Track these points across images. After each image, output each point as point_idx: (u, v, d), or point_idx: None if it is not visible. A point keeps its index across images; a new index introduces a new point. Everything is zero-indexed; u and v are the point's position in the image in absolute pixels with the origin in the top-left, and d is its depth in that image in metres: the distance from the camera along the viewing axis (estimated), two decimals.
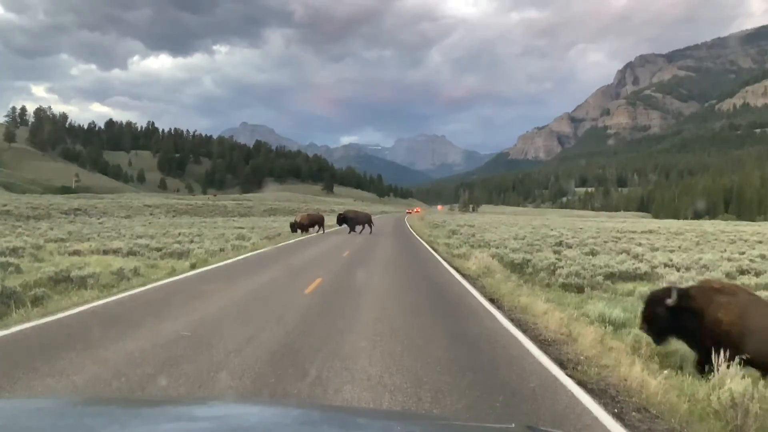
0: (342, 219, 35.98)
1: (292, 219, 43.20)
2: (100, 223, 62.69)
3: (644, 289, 15.45)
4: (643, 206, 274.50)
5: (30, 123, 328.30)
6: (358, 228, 44.27)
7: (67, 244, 30.01)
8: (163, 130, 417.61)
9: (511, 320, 11.77)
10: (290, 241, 38.02)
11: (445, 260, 25.24)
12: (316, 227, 41.99)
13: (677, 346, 9.36)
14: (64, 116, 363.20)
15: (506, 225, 71.33)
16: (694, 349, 11.40)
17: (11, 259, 19.19)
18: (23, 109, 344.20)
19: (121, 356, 8.21)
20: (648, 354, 8.94)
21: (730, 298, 11.07)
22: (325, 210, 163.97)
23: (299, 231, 42.36)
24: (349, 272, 19.55)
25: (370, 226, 39.51)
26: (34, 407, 2.18)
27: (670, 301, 10.98)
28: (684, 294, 11.34)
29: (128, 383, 7.03)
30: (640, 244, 36.38)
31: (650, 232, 58.96)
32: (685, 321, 11.12)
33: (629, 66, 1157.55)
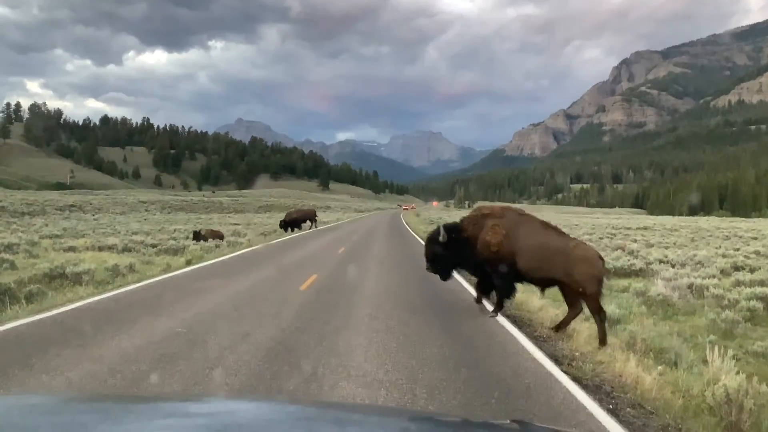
0: (288, 223, 35.85)
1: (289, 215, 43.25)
2: (95, 220, 62.61)
3: (639, 285, 15.49)
4: (638, 203, 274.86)
5: (24, 119, 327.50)
6: (305, 226, 44.88)
7: (62, 241, 29.97)
8: (158, 127, 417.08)
9: (507, 316, 11.78)
10: (285, 238, 38.01)
11: None
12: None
13: (672, 342, 9.37)
14: (59, 112, 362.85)
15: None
16: (476, 275, 12.05)
17: (6, 256, 19.14)
18: (18, 105, 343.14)
19: (115, 353, 8.20)
20: (643, 350, 8.95)
21: (498, 220, 11.67)
22: (321, 206, 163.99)
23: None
24: (344, 269, 19.55)
25: (314, 222, 39.60)
26: (29, 404, 2.17)
27: (440, 238, 11.61)
28: (455, 227, 11.89)
29: (123, 380, 7.02)
30: (635, 241, 36.45)
31: (645, 228, 59.06)
32: (462, 251, 11.67)
33: (625, 62, 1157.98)
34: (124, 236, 33.22)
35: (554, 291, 15.70)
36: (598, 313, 10.40)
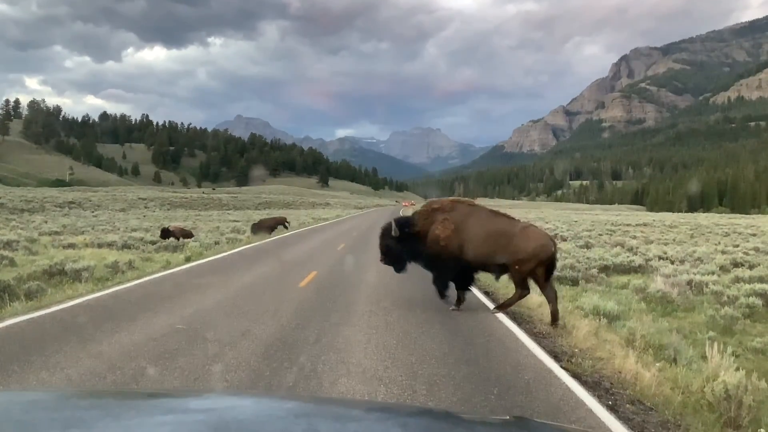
0: (257, 226, 35.38)
1: (285, 213, 42.78)
2: (94, 216, 62.61)
3: (639, 282, 15.51)
4: (638, 199, 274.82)
5: (23, 116, 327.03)
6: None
7: (62, 237, 29.97)
8: (157, 123, 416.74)
9: (506, 313, 11.79)
10: (285, 234, 38.00)
11: None
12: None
13: (671, 339, 9.38)
14: (58, 109, 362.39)
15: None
16: (428, 268, 12.25)
17: (5, 252, 19.13)
18: (17, 102, 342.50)
19: (115, 349, 8.20)
20: (642, 346, 8.96)
21: (448, 213, 11.90)
22: (320, 203, 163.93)
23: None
24: (343, 265, 19.55)
25: (286, 226, 39.48)
26: (28, 400, 2.17)
27: (392, 232, 11.79)
28: (407, 221, 12.06)
29: (123, 376, 7.02)
30: (634, 237, 36.47)
31: (645, 225, 59.11)
32: (414, 245, 11.89)
33: (624, 59, 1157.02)
34: (123, 233, 33.21)
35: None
36: (522, 288, 11.63)
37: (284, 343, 8.81)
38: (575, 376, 7.61)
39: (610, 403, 6.72)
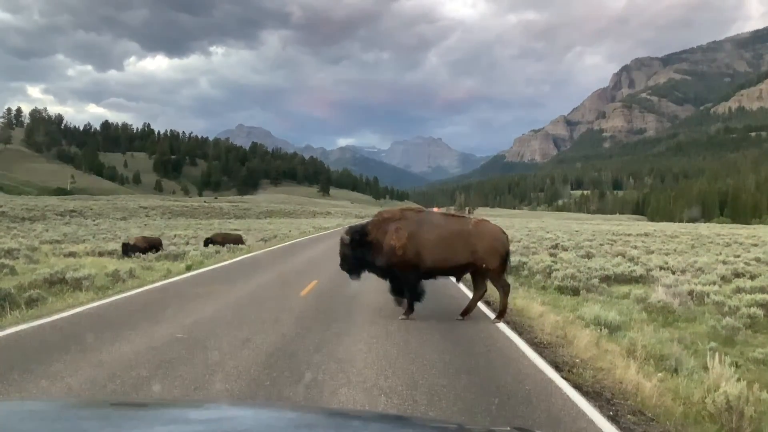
0: (210, 242, 31.32)
1: (286, 222, 41.79)
2: (95, 225, 62.63)
3: (640, 292, 15.48)
4: (639, 209, 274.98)
5: (25, 124, 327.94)
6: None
7: (63, 246, 29.99)
8: (159, 132, 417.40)
9: (507, 323, 11.77)
10: (286, 244, 38.03)
11: None
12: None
13: (672, 349, 9.36)
14: (60, 117, 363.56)
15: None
16: (384, 277, 12.38)
17: (6, 261, 19.15)
18: (19, 111, 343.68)
19: (116, 358, 8.19)
20: (643, 357, 8.94)
21: (399, 222, 12.06)
22: (321, 212, 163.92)
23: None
24: (344, 275, 19.45)
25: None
26: (29, 409, 2.17)
27: (347, 241, 11.91)
28: (361, 230, 12.17)
29: (123, 386, 7.01)
30: (635, 247, 36.44)
31: (646, 235, 59.09)
32: (368, 254, 12.02)
33: (625, 69, 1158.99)
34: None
35: (554, 297, 15.73)
36: (503, 287, 11.88)
37: (285, 352, 8.79)
38: (576, 386, 7.59)
39: (611, 413, 6.70)
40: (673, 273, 20.87)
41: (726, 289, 16.65)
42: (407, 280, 12.08)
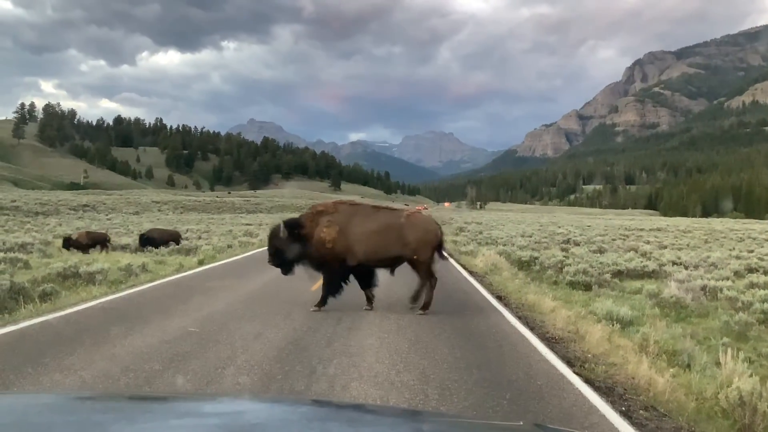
0: (146, 240, 27.01)
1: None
2: (108, 219, 62.96)
3: (652, 287, 15.41)
4: (652, 204, 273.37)
5: (39, 119, 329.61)
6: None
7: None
8: (171, 127, 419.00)
9: (519, 318, 11.76)
10: None
11: (452, 257, 25.21)
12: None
13: (685, 345, 9.32)
14: (73, 112, 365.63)
15: (513, 222, 71.27)
16: (318, 270, 12.37)
17: (20, 255, 19.30)
18: (32, 106, 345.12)
19: (129, 352, 8.24)
20: (656, 352, 8.91)
21: (332, 216, 12.07)
22: None
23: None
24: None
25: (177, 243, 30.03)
26: (44, 402, 2.18)
27: (281, 234, 11.86)
28: (295, 223, 12.15)
29: (136, 379, 7.06)
30: (648, 242, 36.31)
31: (658, 229, 58.81)
32: (302, 248, 12.00)
33: (638, 63, 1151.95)
34: (137, 236, 33.38)
35: (566, 293, 15.69)
36: (429, 279, 12.00)
37: (296, 346, 8.82)
38: (588, 381, 7.57)
39: (623, 409, 6.68)
40: (686, 268, 20.77)
41: (739, 284, 16.56)
42: (332, 272, 12.16)
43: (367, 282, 12.57)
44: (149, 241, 25.35)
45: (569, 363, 8.41)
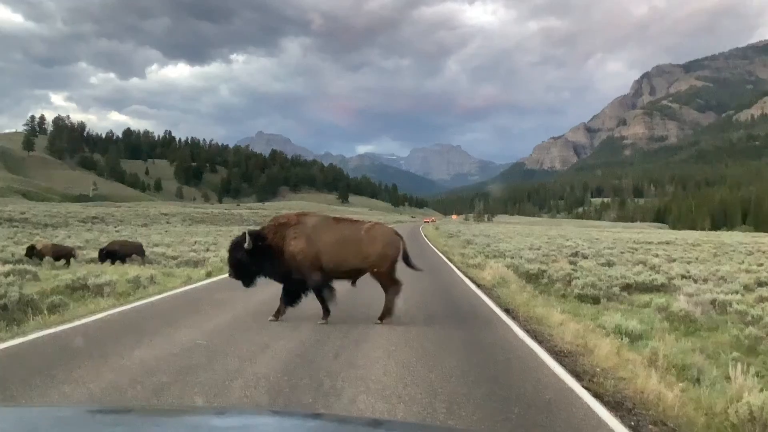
0: (106, 254, 24.84)
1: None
2: (117, 231, 63.10)
3: (661, 300, 15.34)
4: (660, 217, 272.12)
5: (48, 132, 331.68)
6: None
7: (84, 252, 30.23)
8: (180, 139, 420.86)
9: (527, 331, 11.71)
10: None
11: (459, 270, 25.18)
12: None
13: (694, 359, 9.27)
14: (82, 125, 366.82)
15: (521, 235, 71.10)
16: (282, 281, 12.36)
17: (29, 267, 19.36)
18: (42, 118, 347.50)
19: (136, 364, 8.25)
20: (665, 366, 8.86)
21: (297, 228, 12.06)
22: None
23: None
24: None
25: (142, 256, 28.15)
26: (54, 416, 2.19)
27: (246, 246, 11.78)
28: (259, 235, 12.09)
29: (144, 391, 7.06)
30: (656, 255, 36.12)
31: (667, 243, 58.56)
32: (266, 260, 11.94)
33: (646, 76, 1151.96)
34: (145, 248, 33.44)
35: (574, 306, 15.63)
36: (394, 290, 12.16)
37: (304, 359, 8.81)
38: (597, 395, 7.53)
39: (632, 423, 6.64)
40: (695, 282, 20.67)
41: (749, 298, 16.48)
42: (301, 284, 12.18)
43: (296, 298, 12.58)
44: (110, 255, 24.07)
45: (578, 377, 8.36)
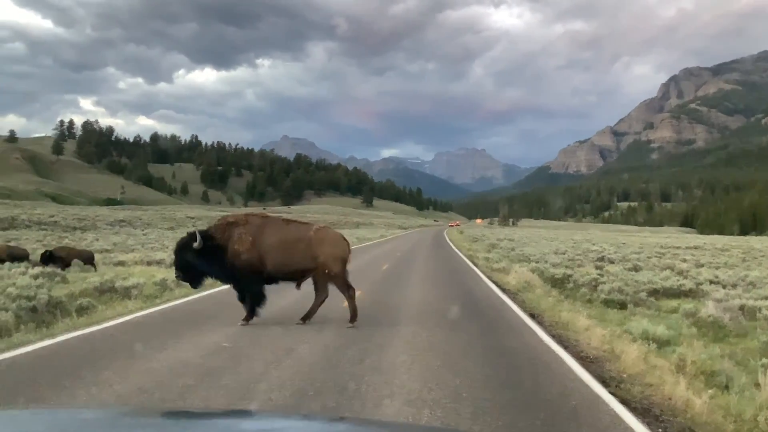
0: (48, 257, 22.87)
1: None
2: (144, 235, 63.77)
3: (689, 306, 15.14)
4: (688, 222, 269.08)
5: (77, 136, 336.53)
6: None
7: (112, 255, 30.61)
8: (206, 143, 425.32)
9: (552, 336, 11.63)
10: None
11: (484, 274, 25.09)
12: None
13: (723, 365, 9.13)
14: (111, 129, 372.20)
15: (546, 239, 70.65)
16: (232, 284, 12.18)
17: (58, 270, 19.62)
18: (71, 123, 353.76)
19: (163, 366, 8.33)
20: (693, 372, 8.74)
21: (243, 228, 12.02)
22: (364, 223, 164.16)
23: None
24: (386, 285, 19.52)
25: (93, 264, 25.08)
26: (84, 418, 2.21)
27: (196, 245, 11.64)
28: (206, 234, 11.95)
29: (170, 393, 7.12)
30: (684, 260, 35.67)
31: (695, 248, 57.82)
32: (214, 260, 11.80)
33: (673, 79, 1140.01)
34: (172, 251, 33.77)
35: (600, 311, 15.48)
36: (347, 291, 12.20)
37: (328, 362, 8.83)
38: (624, 402, 7.44)
39: (660, 430, 6.57)
40: (724, 287, 20.36)
41: None
42: (249, 284, 12.18)
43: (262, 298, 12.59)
44: (51, 258, 22.64)
45: (604, 383, 8.28)
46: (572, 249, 45.17)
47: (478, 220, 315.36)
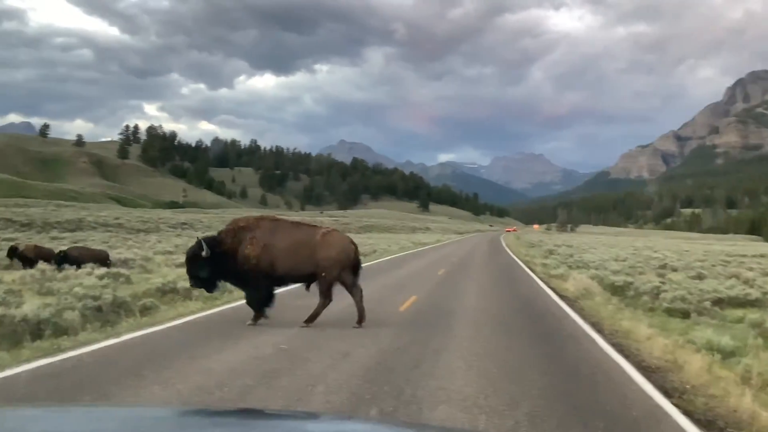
0: (63, 257, 22.37)
1: (389, 236, 41.30)
2: None
3: (755, 316, 14.65)
4: (755, 229, 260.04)
5: (142, 140, 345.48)
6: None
7: (174, 257, 31.23)
8: (264, 148, 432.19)
9: (612, 345, 11.40)
10: (385, 258, 38.27)
11: (542, 280, 24.78)
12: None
13: None
14: (174, 134, 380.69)
15: (606, 246, 69.32)
16: (242, 288, 11.80)
17: (122, 270, 20.16)
18: (136, 127, 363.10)
19: (222, 366, 8.47)
20: (759, 385, 8.45)
21: (254, 231, 11.66)
22: (420, 228, 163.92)
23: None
24: (442, 290, 19.45)
25: (107, 265, 23.67)
26: (153, 416, 2.26)
27: (204, 254, 11.29)
28: (215, 241, 11.60)
29: (230, 393, 7.24)
30: (751, 269, 34.50)
31: (762, 256, 55.90)
32: (226, 265, 11.46)
33: (740, 83, 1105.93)
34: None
35: (662, 320, 15.10)
36: (325, 298, 12.32)
37: (384, 367, 8.84)
38: (687, 413, 7.24)
39: None
40: None
41: None
42: (258, 287, 12.19)
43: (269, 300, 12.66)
44: (65, 259, 22.44)
45: (667, 393, 8.08)
46: (633, 256, 44.23)
47: (536, 226, 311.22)
